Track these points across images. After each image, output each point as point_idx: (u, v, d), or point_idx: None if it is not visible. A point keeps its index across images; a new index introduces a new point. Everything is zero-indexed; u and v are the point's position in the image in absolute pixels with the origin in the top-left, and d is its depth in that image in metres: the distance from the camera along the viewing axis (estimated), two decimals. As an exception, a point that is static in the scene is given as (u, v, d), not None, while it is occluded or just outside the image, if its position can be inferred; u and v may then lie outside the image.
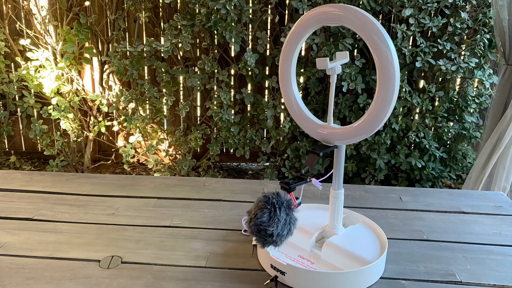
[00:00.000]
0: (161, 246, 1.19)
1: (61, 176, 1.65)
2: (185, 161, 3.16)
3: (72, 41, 3.09)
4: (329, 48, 2.72)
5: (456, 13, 2.72)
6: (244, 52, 2.87)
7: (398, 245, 1.22)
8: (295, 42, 1.10)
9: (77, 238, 1.23)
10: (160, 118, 3.21)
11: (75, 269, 1.08)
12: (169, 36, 2.82)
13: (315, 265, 1.09)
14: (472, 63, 2.69)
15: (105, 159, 3.65)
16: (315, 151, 1.05)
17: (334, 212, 1.15)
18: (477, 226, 1.34)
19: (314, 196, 1.53)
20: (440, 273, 1.10)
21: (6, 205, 1.41)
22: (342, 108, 2.91)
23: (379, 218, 1.38)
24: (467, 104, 2.89)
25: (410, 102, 2.82)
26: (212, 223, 1.33)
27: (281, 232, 0.95)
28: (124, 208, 1.41)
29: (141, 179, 1.64)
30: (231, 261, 1.13)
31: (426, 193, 1.57)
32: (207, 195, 1.52)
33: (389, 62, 0.94)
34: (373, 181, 3.01)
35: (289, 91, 1.15)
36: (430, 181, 3.00)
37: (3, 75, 3.12)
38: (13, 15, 3.23)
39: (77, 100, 3.14)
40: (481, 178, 2.51)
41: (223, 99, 2.93)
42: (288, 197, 0.98)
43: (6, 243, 1.19)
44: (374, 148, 2.89)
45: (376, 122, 0.99)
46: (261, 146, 3.12)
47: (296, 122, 1.15)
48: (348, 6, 0.98)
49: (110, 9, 3.19)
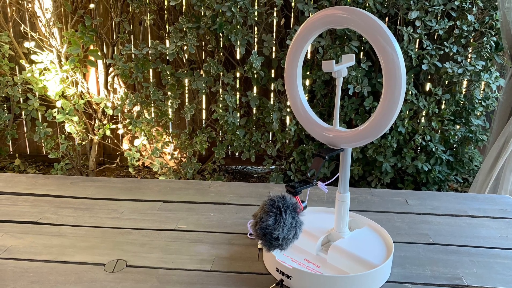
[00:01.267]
0: (166, 249, 1.19)
1: (65, 180, 1.66)
2: (190, 164, 3.16)
3: (76, 44, 3.10)
4: (335, 50, 2.72)
5: (462, 15, 2.71)
6: (250, 54, 2.87)
7: (404, 249, 1.22)
8: (301, 44, 1.10)
9: (82, 241, 1.22)
10: (165, 121, 3.21)
11: (79, 273, 1.08)
12: (174, 38, 2.82)
13: (321, 268, 1.09)
14: (478, 65, 2.68)
15: (110, 162, 3.66)
16: (321, 154, 1.05)
17: (340, 215, 1.15)
18: (483, 230, 1.34)
19: (320, 199, 1.52)
20: (446, 277, 1.09)
21: (10, 209, 1.42)
22: (348, 111, 2.91)
23: (385, 221, 1.37)
24: (474, 107, 2.88)
25: (417, 105, 2.81)
26: (217, 226, 1.33)
27: (287, 236, 0.95)
28: (129, 212, 1.41)
29: (146, 183, 1.64)
30: (237, 265, 1.13)
31: (432, 197, 1.56)
32: (212, 198, 1.52)
33: (396, 65, 0.94)
34: (379, 184, 3.00)
35: (295, 94, 1.15)
36: (436, 184, 2.99)
37: (8, 77, 3.12)
38: (18, 17, 3.24)
39: (81, 103, 3.15)
40: (487, 182, 2.50)
41: (229, 102, 2.93)
42: (294, 201, 0.98)
43: (11, 246, 1.19)
44: (380, 151, 2.88)
45: (382, 125, 0.99)
46: (267, 149, 3.11)
47: (302, 125, 1.15)
48: (354, 9, 0.98)
49: (115, 11, 3.20)
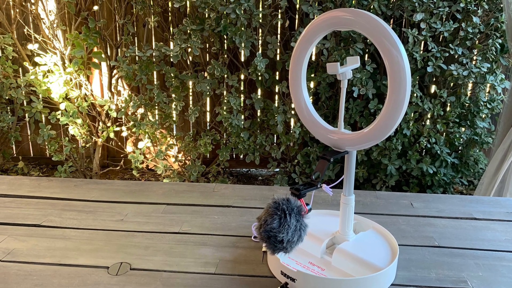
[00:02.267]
0: (170, 252, 1.19)
1: (69, 182, 1.66)
2: (195, 167, 3.15)
3: (80, 46, 3.10)
4: (339, 53, 2.71)
5: (467, 17, 2.70)
6: (254, 57, 2.86)
7: (409, 252, 1.22)
8: (305, 47, 1.09)
9: (86, 244, 1.22)
10: (169, 123, 3.21)
11: (83, 276, 1.07)
12: (179, 40, 2.82)
13: (326, 271, 1.08)
14: (484, 68, 2.67)
15: (113, 164, 3.66)
16: (326, 157, 1.04)
17: (345, 218, 1.14)
18: (489, 233, 1.33)
19: (324, 202, 1.52)
20: (451, 280, 1.09)
21: (14, 211, 1.42)
22: (352, 113, 2.90)
23: (390, 224, 1.37)
24: (479, 110, 2.87)
25: (422, 107, 2.80)
26: (221, 229, 1.32)
27: (291, 239, 0.94)
28: (133, 214, 1.41)
29: (150, 185, 1.64)
30: (241, 267, 1.12)
31: (437, 199, 1.56)
32: (216, 201, 1.52)
33: (400, 67, 0.94)
34: (384, 187, 2.99)
35: (299, 96, 1.14)
36: (441, 187, 2.98)
37: (11, 80, 3.13)
38: (21, 19, 3.24)
39: (85, 106, 3.15)
40: (493, 184, 2.49)
41: (233, 104, 2.92)
42: (299, 203, 0.97)
43: (14, 249, 1.19)
44: (385, 153, 2.88)
45: (387, 127, 0.98)
46: (271, 151, 3.11)
47: (307, 127, 1.15)
48: (359, 11, 0.97)
49: (119, 13, 3.20)
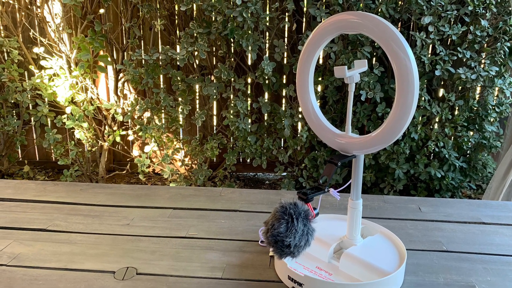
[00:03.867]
0: (177, 257, 1.19)
1: (75, 186, 1.66)
2: (201, 171, 3.15)
3: (86, 49, 3.10)
4: (347, 56, 2.71)
5: (476, 20, 2.69)
6: (261, 60, 2.86)
7: (417, 256, 1.21)
8: (312, 50, 1.09)
9: (92, 249, 1.22)
10: (176, 127, 3.21)
11: (89, 281, 1.07)
12: (185, 44, 2.82)
13: (333, 276, 1.08)
14: (492, 71, 2.66)
15: (120, 169, 3.66)
16: (333, 161, 1.04)
17: (352, 222, 1.14)
18: (497, 237, 1.33)
19: (332, 206, 1.52)
20: (460, 284, 1.08)
21: (19, 216, 1.42)
22: (360, 117, 2.89)
23: (398, 228, 1.36)
24: (487, 113, 2.85)
25: (430, 111, 2.79)
26: (228, 233, 1.32)
27: (299, 243, 0.94)
28: (139, 219, 1.41)
29: (156, 189, 1.64)
30: (248, 272, 1.12)
31: (445, 204, 1.55)
32: (223, 205, 1.51)
33: (408, 71, 0.93)
34: (392, 191, 2.98)
35: (306, 100, 1.14)
36: (449, 191, 2.97)
37: (17, 83, 3.14)
38: (27, 23, 3.25)
39: (91, 109, 3.15)
40: (501, 188, 2.48)
41: (240, 108, 2.92)
42: (306, 208, 0.97)
43: (20, 254, 1.19)
44: (393, 157, 2.87)
45: (395, 131, 0.98)
46: (278, 155, 3.10)
47: (314, 131, 1.15)
48: (366, 14, 0.97)
49: (125, 16, 3.21)
